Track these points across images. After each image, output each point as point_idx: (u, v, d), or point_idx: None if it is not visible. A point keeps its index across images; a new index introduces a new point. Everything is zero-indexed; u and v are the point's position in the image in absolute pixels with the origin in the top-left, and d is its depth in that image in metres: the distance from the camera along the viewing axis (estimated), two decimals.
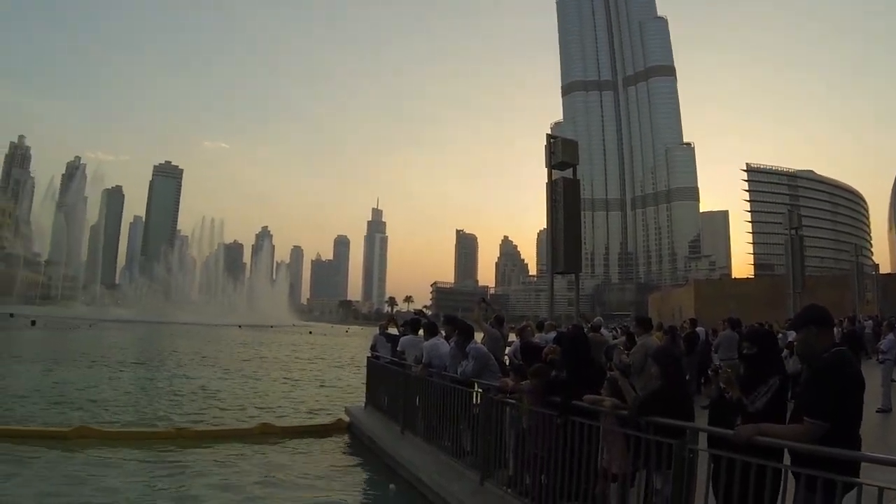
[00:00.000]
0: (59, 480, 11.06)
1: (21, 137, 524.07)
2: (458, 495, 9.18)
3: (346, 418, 17.12)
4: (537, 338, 13.49)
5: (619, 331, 19.74)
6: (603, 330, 17.16)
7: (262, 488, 11.35)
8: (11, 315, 69.96)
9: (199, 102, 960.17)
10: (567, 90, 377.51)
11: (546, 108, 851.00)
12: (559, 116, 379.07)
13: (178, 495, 10.70)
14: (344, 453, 14.82)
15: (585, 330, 12.22)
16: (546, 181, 23.53)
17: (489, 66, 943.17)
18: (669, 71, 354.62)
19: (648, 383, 7.19)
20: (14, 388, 22.31)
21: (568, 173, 24.30)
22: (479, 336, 12.58)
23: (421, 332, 14.15)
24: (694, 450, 5.74)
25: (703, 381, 19.31)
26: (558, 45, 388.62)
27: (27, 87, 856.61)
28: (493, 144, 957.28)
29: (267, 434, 15.88)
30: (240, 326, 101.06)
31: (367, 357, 17.93)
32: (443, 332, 13.11)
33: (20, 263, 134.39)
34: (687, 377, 14.24)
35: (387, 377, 15.62)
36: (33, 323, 60.11)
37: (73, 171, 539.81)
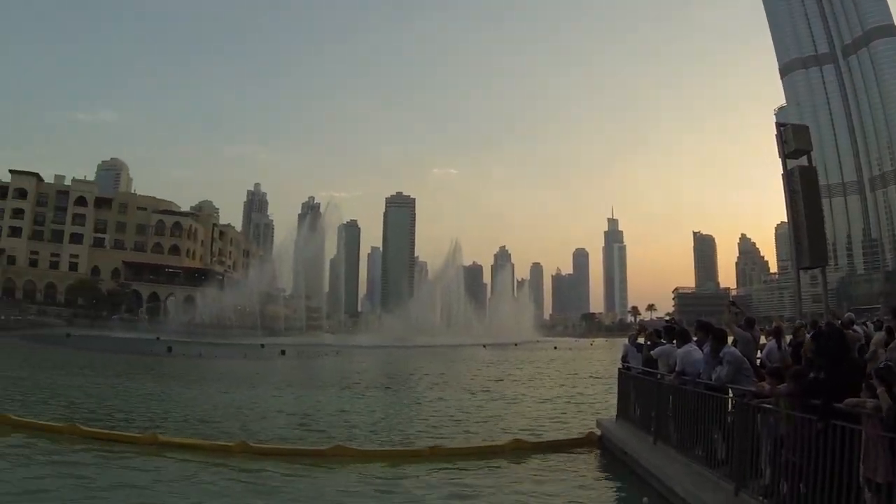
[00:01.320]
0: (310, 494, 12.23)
1: (257, 185, 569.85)
2: None
3: (598, 431, 17.35)
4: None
5: (870, 325, 18.60)
6: (855, 326, 16.33)
7: (512, 501, 11.83)
8: (262, 346, 75.35)
9: (422, 133, 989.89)
10: (785, 71, 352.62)
11: (765, 94, 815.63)
12: (781, 100, 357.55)
13: None
14: (596, 466, 15.08)
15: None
16: (781, 172, 22.64)
17: (700, 61, 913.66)
18: (891, 30, 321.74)
19: None
20: (270, 410, 24.57)
21: (802, 161, 23.28)
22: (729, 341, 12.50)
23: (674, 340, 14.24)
24: None
25: None
26: (768, 26, 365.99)
27: (259, 138, 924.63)
28: (718, 139, 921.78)
29: (519, 450, 16.30)
30: (484, 346, 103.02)
31: (618, 368, 18.13)
32: (695, 339, 13.13)
33: (266, 299, 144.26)
34: None
35: (638, 387, 15.86)
36: (283, 352, 64.22)
37: (309, 210, 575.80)
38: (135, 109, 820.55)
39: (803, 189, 21.82)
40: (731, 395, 10.58)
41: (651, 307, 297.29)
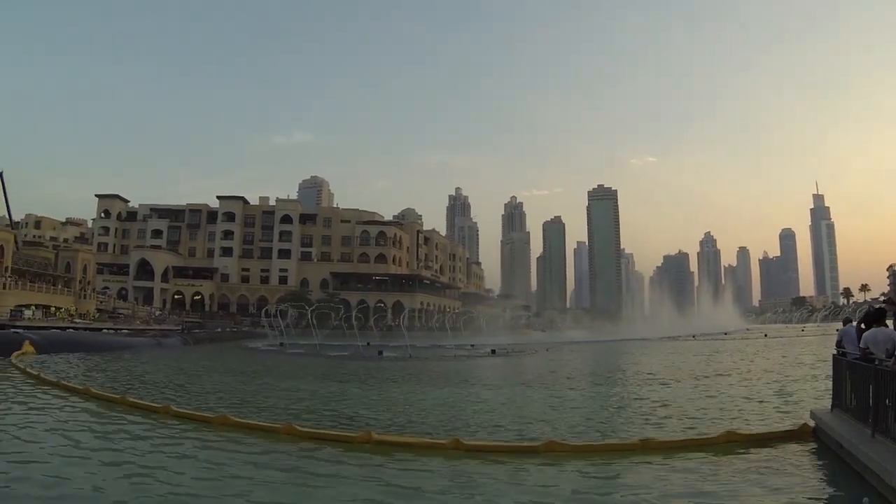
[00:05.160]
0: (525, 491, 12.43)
1: (458, 189, 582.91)
2: None
3: (812, 423, 16.67)
4: None
5: None
6: None
7: (726, 499, 11.62)
8: (472, 346, 76.55)
9: (617, 124, 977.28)
10: None
11: None
12: None
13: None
14: (810, 461, 14.46)
15: None
16: None
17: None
18: None
19: None
20: (481, 407, 25.12)
21: None
22: None
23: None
24: None
25: None
26: None
27: (456, 143, 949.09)
28: None
29: (731, 442, 15.92)
30: (694, 337, 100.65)
31: (833, 354, 17.33)
32: None
33: (474, 300, 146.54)
34: None
35: (854, 375, 15.02)
36: (493, 351, 64.88)
37: (512, 211, 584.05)
38: (330, 130, 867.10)
39: None
40: None
41: (865, 287, 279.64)
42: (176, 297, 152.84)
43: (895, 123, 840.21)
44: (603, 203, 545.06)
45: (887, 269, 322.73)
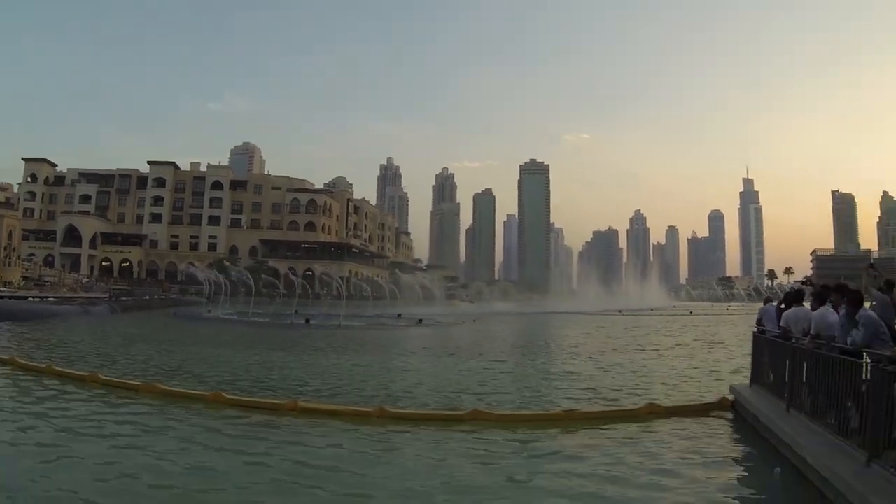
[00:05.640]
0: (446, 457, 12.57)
1: (389, 159, 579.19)
2: (842, 477, 8.99)
3: (731, 397, 17.16)
4: None
5: None
6: None
7: (645, 467, 11.88)
8: (399, 315, 76.62)
9: (551, 100, 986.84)
10: None
11: None
12: None
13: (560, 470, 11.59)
14: (728, 433, 14.91)
15: None
16: None
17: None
18: None
19: None
20: (407, 377, 25.14)
21: None
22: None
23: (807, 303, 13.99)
24: None
25: None
26: None
27: (389, 115, 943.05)
28: (859, 91, 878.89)
29: (652, 414, 16.33)
30: (620, 312, 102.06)
31: (753, 332, 17.90)
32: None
33: (402, 270, 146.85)
34: None
35: (772, 352, 15.55)
36: (420, 321, 65.11)
37: (443, 182, 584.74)
38: (264, 96, 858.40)
39: None
40: (866, 360, 10.27)
41: (789, 270, 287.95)
42: (104, 264, 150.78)
43: (824, 114, 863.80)
44: (534, 177, 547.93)
45: (811, 254, 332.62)
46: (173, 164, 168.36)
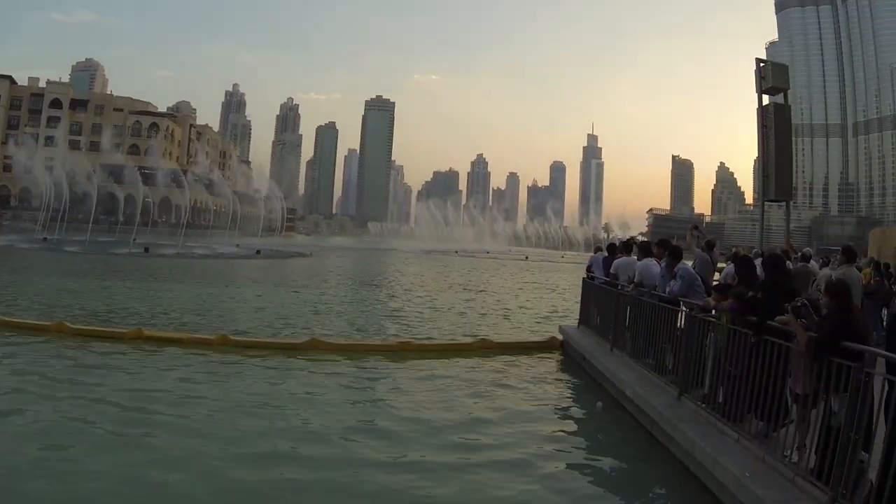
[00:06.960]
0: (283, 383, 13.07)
1: (235, 85, 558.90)
2: (657, 408, 10.00)
3: (560, 336, 18.10)
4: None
5: (824, 261, 19.41)
6: (812, 261, 17.07)
7: (475, 396, 12.68)
8: (237, 245, 75.86)
9: (406, 38, 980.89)
10: (781, 6, 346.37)
11: (761, 27, 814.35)
12: (774, 36, 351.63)
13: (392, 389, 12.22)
14: (556, 369, 15.88)
15: (796, 259, 12.52)
16: (756, 107, 23.32)
17: None
18: None
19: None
20: (246, 306, 25.67)
21: (779, 98, 23.90)
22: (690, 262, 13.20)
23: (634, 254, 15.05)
24: (870, 373, 5.99)
25: None
26: None
27: (239, 40, 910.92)
28: (708, 66, 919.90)
29: (485, 349, 17.08)
30: (456, 252, 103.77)
31: (583, 278, 18.92)
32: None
33: (242, 200, 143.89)
34: None
35: (600, 296, 16.60)
36: (258, 252, 64.73)
37: (287, 112, 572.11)
38: (112, 10, 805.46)
39: (776, 125, 22.54)
40: (682, 308, 11.28)
41: (625, 226, 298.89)
42: None
43: (672, 82, 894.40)
44: (379, 113, 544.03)
45: (647, 212, 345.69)
46: (10, 78, 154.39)
